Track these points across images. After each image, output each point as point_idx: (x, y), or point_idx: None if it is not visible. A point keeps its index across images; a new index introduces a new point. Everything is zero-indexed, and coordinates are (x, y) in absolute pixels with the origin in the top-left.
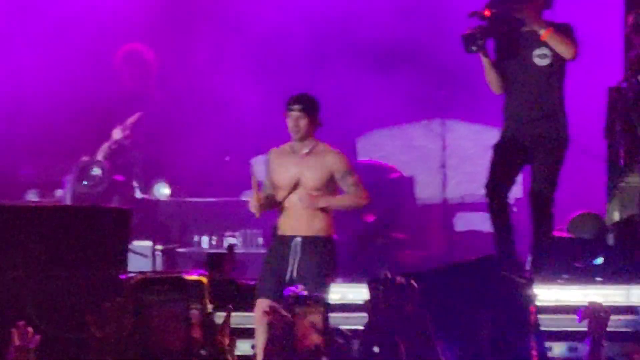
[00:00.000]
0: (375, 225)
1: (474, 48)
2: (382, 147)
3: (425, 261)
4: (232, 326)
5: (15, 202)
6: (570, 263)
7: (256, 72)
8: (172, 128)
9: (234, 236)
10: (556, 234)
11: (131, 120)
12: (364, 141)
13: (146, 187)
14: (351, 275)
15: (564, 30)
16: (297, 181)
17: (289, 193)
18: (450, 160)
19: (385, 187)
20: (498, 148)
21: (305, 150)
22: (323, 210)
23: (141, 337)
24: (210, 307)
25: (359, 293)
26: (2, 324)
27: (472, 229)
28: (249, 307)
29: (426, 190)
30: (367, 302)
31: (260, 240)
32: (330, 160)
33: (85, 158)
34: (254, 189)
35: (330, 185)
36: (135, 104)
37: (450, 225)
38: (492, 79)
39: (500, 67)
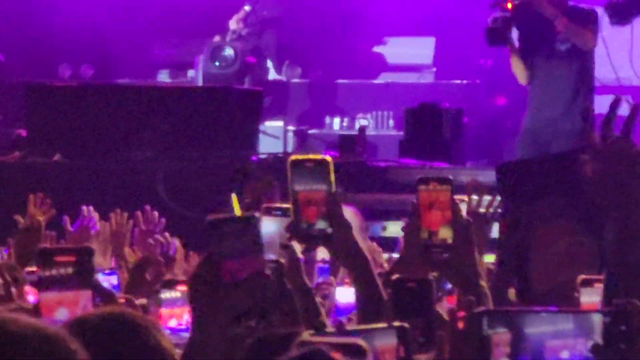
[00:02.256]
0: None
1: (497, 42)
2: None
3: None
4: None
5: (147, 82)
6: None
7: None
8: (306, 11)
9: (365, 118)
10: None
11: (242, 12)
12: None
13: (278, 68)
14: None
15: (582, 19)
16: None
17: None
18: None
19: None
20: (519, 142)
21: None
22: None
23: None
24: (334, 184)
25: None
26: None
27: None
28: (381, 189)
29: None
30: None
31: (392, 122)
32: None
33: (217, 39)
34: None
35: None
36: None
37: None
38: (518, 69)
39: (525, 56)
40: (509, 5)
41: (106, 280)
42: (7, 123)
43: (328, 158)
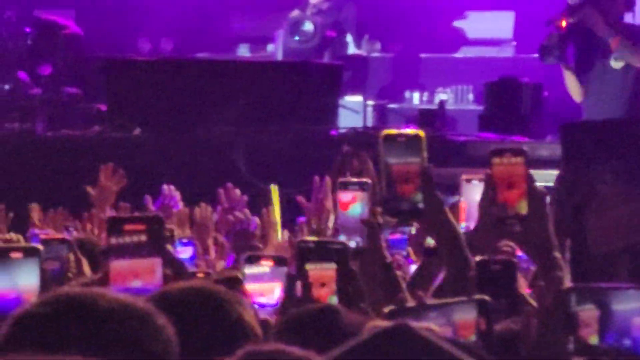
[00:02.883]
0: None
1: (551, 59)
2: None
3: None
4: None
5: (227, 56)
6: None
7: None
8: None
9: (445, 92)
10: None
11: None
12: None
13: (358, 43)
14: None
15: (636, 37)
16: None
17: None
18: None
19: None
20: None
21: None
22: None
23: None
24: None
25: None
26: (213, 181)
27: None
28: (460, 164)
29: None
30: None
31: (471, 96)
32: None
33: (296, 13)
34: None
35: None
36: None
37: None
38: (572, 87)
39: (579, 73)
40: (563, 24)
41: (183, 251)
42: (87, 98)
43: (421, 132)
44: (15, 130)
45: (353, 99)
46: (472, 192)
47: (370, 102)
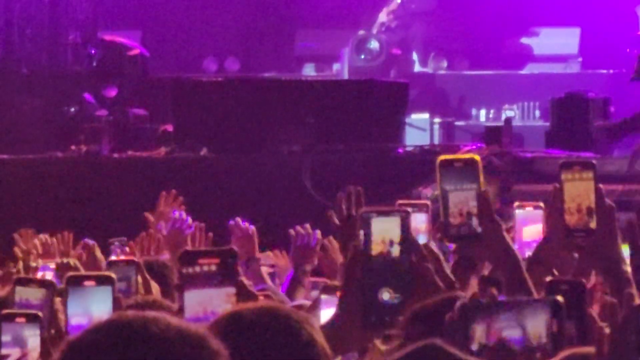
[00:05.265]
0: None
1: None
2: None
3: None
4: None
5: (293, 76)
6: None
7: None
8: (452, 3)
9: (511, 109)
10: None
11: (393, 5)
12: None
13: (424, 60)
14: None
15: None
16: None
17: None
18: None
19: None
20: None
21: None
22: None
23: None
24: (484, 183)
25: None
26: (281, 200)
27: None
28: (527, 180)
29: None
30: None
31: (538, 112)
32: None
33: (362, 32)
34: None
35: None
36: None
37: None
38: None
39: None
40: None
41: None
42: (153, 119)
43: (477, 157)
44: (81, 151)
45: (419, 117)
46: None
47: (436, 120)
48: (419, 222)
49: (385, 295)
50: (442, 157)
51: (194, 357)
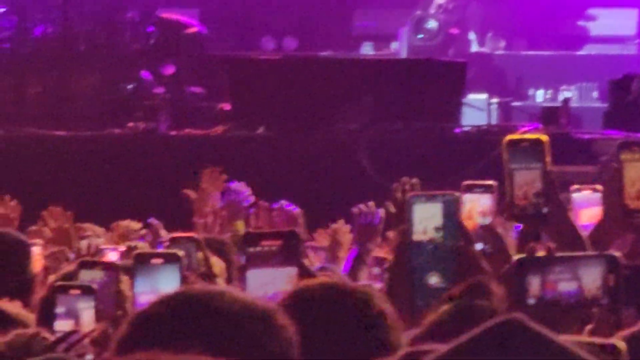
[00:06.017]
0: None
1: None
2: None
3: None
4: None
5: (351, 55)
6: None
7: None
8: None
9: (569, 90)
10: None
11: None
12: None
13: (482, 40)
14: None
15: None
16: None
17: None
18: None
19: None
20: None
21: None
22: None
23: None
24: (549, 163)
25: None
26: (337, 178)
27: None
28: (585, 161)
29: None
30: None
31: (596, 94)
32: None
33: (420, 11)
34: None
35: None
36: None
37: None
38: None
39: None
40: None
41: None
42: (210, 97)
43: (544, 137)
44: (138, 129)
45: (477, 97)
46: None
47: (494, 100)
48: (485, 202)
49: (433, 279)
50: (509, 136)
51: (260, 331)
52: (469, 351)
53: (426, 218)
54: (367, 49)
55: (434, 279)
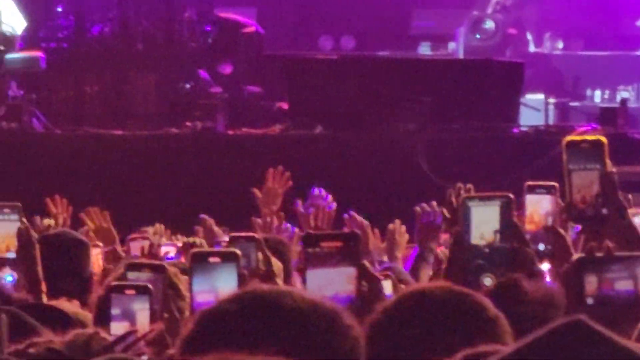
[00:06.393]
0: None
1: None
2: None
3: None
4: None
5: (408, 54)
6: None
7: None
8: None
9: (626, 90)
10: None
11: None
12: None
13: (539, 40)
14: None
15: None
16: None
17: None
18: None
19: None
20: None
21: None
22: None
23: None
24: (610, 165)
25: None
26: (395, 177)
27: None
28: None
29: None
30: None
31: None
32: None
33: (477, 11)
34: None
35: None
36: None
37: None
38: None
39: None
40: None
41: None
42: (268, 96)
43: (603, 139)
44: (196, 128)
45: (534, 97)
46: None
47: (551, 100)
48: (547, 203)
49: (487, 281)
50: (569, 137)
51: (327, 330)
52: (533, 353)
53: (482, 220)
54: (424, 49)
55: (488, 281)
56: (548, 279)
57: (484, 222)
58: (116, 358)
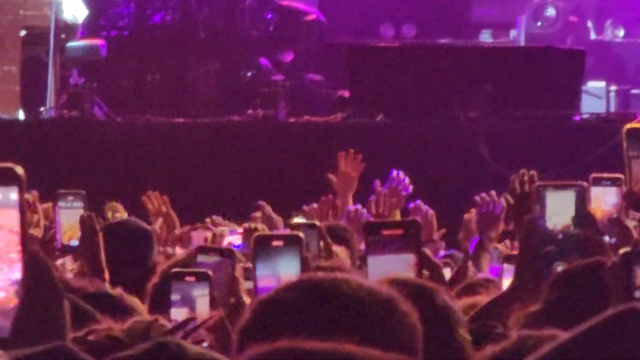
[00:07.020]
0: None
1: None
2: None
3: None
4: None
5: (469, 42)
6: None
7: None
8: None
9: None
10: None
11: None
12: None
13: (599, 28)
14: None
15: None
16: None
17: None
18: None
19: None
20: None
21: None
22: None
23: None
24: None
25: None
26: (456, 165)
27: None
28: None
29: None
30: None
31: None
32: None
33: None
34: None
35: None
36: None
37: None
38: None
39: None
40: None
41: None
42: (330, 84)
43: None
44: (257, 116)
45: (595, 85)
46: None
47: (612, 88)
48: (612, 195)
49: (560, 268)
50: (629, 125)
51: (385, 317)
52: (590, 340)
53: (556, 207)
54: (485, 37)
55: (561, 268)
56: None
57: (558, 210)
58: (172, 342)
